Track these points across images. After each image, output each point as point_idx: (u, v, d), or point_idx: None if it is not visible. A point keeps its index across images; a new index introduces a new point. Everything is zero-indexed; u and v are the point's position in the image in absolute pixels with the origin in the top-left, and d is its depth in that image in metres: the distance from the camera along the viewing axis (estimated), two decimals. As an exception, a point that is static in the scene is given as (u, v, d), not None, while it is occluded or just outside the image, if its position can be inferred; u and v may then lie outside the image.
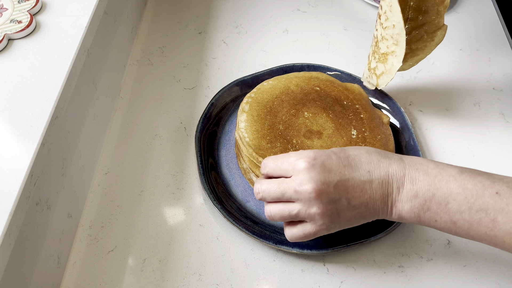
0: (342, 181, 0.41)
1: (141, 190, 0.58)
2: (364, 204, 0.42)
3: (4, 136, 0.43)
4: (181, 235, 0.54)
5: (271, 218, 0.45)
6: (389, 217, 0.44)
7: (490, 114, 0.66)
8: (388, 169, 0.42)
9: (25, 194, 0.40)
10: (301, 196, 0.41)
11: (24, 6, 0.53)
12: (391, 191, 0.42)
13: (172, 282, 0.50)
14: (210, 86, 0.69)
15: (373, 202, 0.42)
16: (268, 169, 0.46)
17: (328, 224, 0.43)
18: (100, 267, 0.51)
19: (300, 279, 0.51)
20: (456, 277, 0.51)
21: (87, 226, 0.54)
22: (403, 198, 0.42)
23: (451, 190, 0.40)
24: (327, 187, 0.41)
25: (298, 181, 0.42)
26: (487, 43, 0.75)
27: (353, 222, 0.44)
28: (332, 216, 0.42)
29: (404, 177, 0.42)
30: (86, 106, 0.56)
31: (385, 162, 0.42)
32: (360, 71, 0.71)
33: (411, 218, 0.42)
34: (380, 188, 0.42)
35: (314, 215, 0.42)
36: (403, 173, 0.42)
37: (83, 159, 0.55)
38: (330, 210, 0.42)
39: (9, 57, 0.49)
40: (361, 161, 0.42)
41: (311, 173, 0.41)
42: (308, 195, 0.41)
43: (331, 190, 0.41)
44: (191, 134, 0.63)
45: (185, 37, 0.77)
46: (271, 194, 0.44)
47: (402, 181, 0.42)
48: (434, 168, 0.42)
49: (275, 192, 0.43)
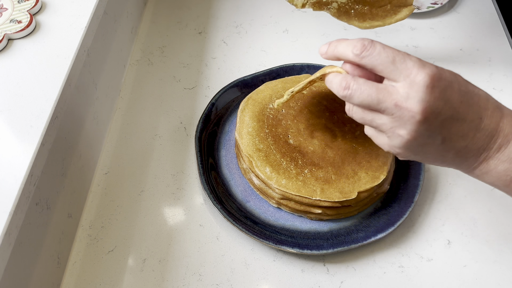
0: (452, 119, 0.35)
1: (141, 190, 0.58)
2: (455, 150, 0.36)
3: (4, 136, 0.43)
4: (181, 235, 0.54)
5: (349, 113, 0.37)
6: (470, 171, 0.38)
7: (490, 114, 0.65)
8: (499, 123, 0.36)
9: (25, 194, 0.40)
10: (400, 113, 0.34)
11: (24, 6, 0.53)
12: (492, 145, 0.36)
13: (172, 282, 0.50)
14: (210, 86, 0.69)
15: (465, 152, 0.36)
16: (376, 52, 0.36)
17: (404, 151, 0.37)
18: (100, 267, 0.51)
19: (300, 279, 0.51)
20: (456, 277, 0.51)
21: (87, 226, 0.54)
22: (502, 157, 0.36)
23: None
24: (434, 118, 0.34)
25: (406, 95, 0.34)
26: (487, 43, 0.75)
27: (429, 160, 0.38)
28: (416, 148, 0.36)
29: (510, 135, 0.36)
30: (86, 106, 0.56)
31: (498, 113, 0.36)
32: (360, 71, 0.71)
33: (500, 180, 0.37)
34: (483, 140, 0.36)
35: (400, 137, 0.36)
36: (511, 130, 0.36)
37: (83, 159, 0.55)
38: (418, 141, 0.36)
39: (9, 57, 0.49)
40: (479, 104, 0.36)
41: (427, 94, 0.34)
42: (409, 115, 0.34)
43: (435, 123, 0.35)
44: (191, 134, 0.63)
45: (185, 37, 0.77)
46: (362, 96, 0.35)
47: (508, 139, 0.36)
48: None
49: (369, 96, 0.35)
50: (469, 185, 0.58)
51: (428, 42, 0.75)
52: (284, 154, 0.54)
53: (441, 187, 0.58)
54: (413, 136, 0.35)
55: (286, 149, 0.55)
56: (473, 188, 0.58)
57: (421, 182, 0.55)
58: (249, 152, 0.55)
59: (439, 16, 0.79)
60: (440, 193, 0.57)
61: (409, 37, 0.76)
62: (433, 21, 0.78)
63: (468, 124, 0.36)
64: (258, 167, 0.53)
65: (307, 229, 0.53)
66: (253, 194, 0.56)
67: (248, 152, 0.55)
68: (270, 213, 0.55)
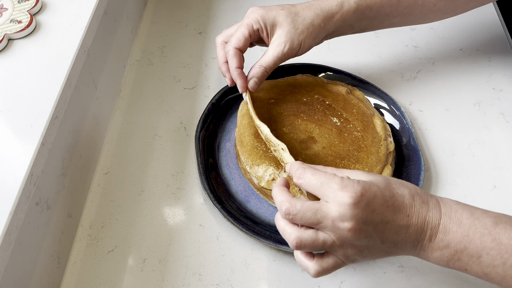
0: (382, 223, 0.40)
1: (141, 190, 0.58)
2: (394, 244, 0.41)
3: (4, 136, 0.43)
4: (181, 235, 0.54)
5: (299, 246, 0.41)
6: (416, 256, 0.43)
7: (490, 114, 0.66)
8: (425, 217, 0.41)
9: (25, 194, 0.40)
10: (338, 231, 0.40)
11: (24, 6, 0.53)
12: (423, 237, 0.41)
13: (172, 282, 0.50)
14: (210, 86, 0.69)
15: (403, 244, 0.42)
16: (304, 182, 0.42)
17: (356, 258, 0.42)
18: (100, 267, 0.51)
19: (300, 279, 0.51)
20: (456, 277, 0.51)
21: (87, 226, 0.54)
22: (434, 246, 0.41)
23: (485, 244, 0.40)
24: (366, 227, 0.40)
25: (338, 214, 0.39)
26: (487, 43, 0.75)
27: (377, 257, 0.43)
28: (363, 252, 0.41)
29: (438, 226, 0.41)
30: (86, 106, 0.56)
31: (424, 208, 0.42)
32: (360, 71, 0.71)
33: (439, 263, 0.42)
34: (415, 234, 0.41)
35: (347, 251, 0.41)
36: (438, 222, 0.41)
37: (83, 159, 0.55)
38: (363, 247, 0.41)
39: (9, 57, 0.49)
40: (404, 203, 0.41)
41: (354, 210, 0.39)
42: (346, 231, 0.39)
43: (369, 230, 0.40)
44: (191, 134, 0.63)
45: (185, 37, 0.77)
46: (304, 218, 0.40)
47: (436, 230, 0.41)
48: (468, 218, 0.41)
49: (310, 218, 0.40)
50: (469, 185, 0.58)
51: (428, 42, 0.75)
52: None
53: (441, 187, 0.58)
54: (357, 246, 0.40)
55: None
56: (473, 188, 0.58)
57: (421, 182, 0.55)
58: (248, 152, 0.55)
59: (439, 16, 0.79)
60: (440, 193, 0.57)
61: (409, 37, 0.76)
62: (433, 21, 0.78)
63: (398, 224, 0.41)
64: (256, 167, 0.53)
65: (307, 229, 0.53)
66: (253, 194, 0.56)
67: (247, 152, 0.55)
68: (270, 213, 0.55)
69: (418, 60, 0.73)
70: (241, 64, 0.55)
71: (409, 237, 0.41)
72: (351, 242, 0.40)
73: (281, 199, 0.42)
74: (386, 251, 0.42)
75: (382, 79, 0.70)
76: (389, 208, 0.41)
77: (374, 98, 0.65)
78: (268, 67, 0.56)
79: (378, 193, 0.41)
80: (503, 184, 0.58)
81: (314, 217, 0.40)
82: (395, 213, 0.41)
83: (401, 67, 0.72)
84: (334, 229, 0.40)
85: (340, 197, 0.39)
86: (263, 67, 0.55)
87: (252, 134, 0.56)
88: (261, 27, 0.55)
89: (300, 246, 0.41)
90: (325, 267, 0.42)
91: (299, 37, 0.55)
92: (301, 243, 0.40)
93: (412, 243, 0.42)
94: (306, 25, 0.55)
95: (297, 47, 0.55)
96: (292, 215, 0.41)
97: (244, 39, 0.55)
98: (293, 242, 0.41)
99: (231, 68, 0.55)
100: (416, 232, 0.41)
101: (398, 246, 0.42)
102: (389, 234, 0.41)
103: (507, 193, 0.57)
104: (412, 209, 0.41)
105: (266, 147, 0.55)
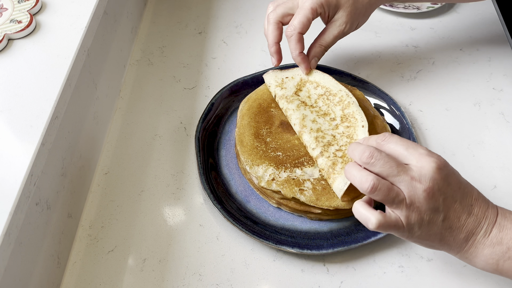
0: (452, 199, 0.42)
1: (141, 190, 0.58)
2: (451, 229, 0.42)
3: (4, 136, 0.43)
4: (181, 235, 0.54)
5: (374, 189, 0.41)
6: (462, 254, 0.44)
7: (490, 114, 0.66)
8: (485, 212, 0.43)
9: (25, 194, 0.40)
10: (413, 189, 0.41)
11: (24, 6, 0.53)
12: (479, 231, 0.43)
13: (172, 282, 0.50)
14: (210, 86, 0.69)
15: (458, 233, 0.43)
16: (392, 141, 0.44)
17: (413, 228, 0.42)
18: (100, 267, 0.51)
19: (300, 279, 0.51)
20: (456, 277, 0.51)
21: (87, 226, 0.54)
22: (487, 242, 0.42)
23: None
24: (439, 195, 0.41)
25: (418, 173, 0.41)
26: (487, 43, 0.75)
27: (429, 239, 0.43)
28: (423, 224, 0.42)
29: (494, 223, 0.43)
30: (86, 106, 0.56)
31: (485, 204, 0.44)
32: (360, 71, 0.71)
33: (487, 264, 0.43)
34: (472, 224, 0.42)
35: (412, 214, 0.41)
36: (494, 219, 0.43)
37: (83, 159, 0.55)
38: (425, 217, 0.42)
39: (9, 57, 0.49)
40: (472, 193, 0.43)
41: (435, 174, 0.41)
42: (421, 191, 0.41)
43: (439, 200, 0.41)
44: (191, 134, 0.63)
45: (185, 37, 0.77)
46: (385, 166, 0.41)
47: (491, 226, 0.43)
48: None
49: (391, 167, 0.41)
50: (469, 185, 0.58)
51: (428, 42, 0.75)
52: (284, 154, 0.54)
53: (441, 187, 0.58)
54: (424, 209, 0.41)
55: (285, 149, 0.55)
56: (473, 188, 0.58)
57: (421, 182, 0.55)
58: (248, 152, 0.55)
59: (439, 16, 0.79)
60: (440, 193, 0.57)
61: (409, 37, 0.76)
62: (433, 21, 0.78)
63: (462, 207, 0.42)
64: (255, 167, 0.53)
65: (307, 229, 0.53)
66: (253, 194, 0.56)
67: (247, 152, 0.55)
68: (270, 213, 0.55)
69: (418, 60, 0.73)
70: (303, 48, 0.58)
71: (466, 225, 0.42)
72: (419, 204, 0.41)
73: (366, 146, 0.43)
74: (440, 235, 0.43)
75: (382, 79, 0.70)
76: (460, 190, 0.43)
77: (374, 98, 0.65)
78: (327, 46, 0.59)
79: (456, 173, 0.44)
80: (503, 184, 0.58)
81: (394, 168, 0.41)
82: (463, 197, 0.43)
83: (401, 67, 0.72)
84: (409, 185, 0.41)
85: (424, 160, 0.41)
86: (323, 46, 0.59)
87: (252, 134, 0.56)
88: (324, 10, 0.56)
89: (374, 189, 0.41)
90: (387, 221, 0.41)
91: (358, 18, 0.58)
92: (377, 186, 0.41)
93: (466, 234, 0.43)
94: (364, 5, 0.58)
95: (355, 26, 0.59)
96: (376, 159, 0.42)
97: (308, 24, 0.56)
98: (370, 183, 0.41)
99: (294, 53, 0.58)
100: (474, 222, 0.42)
101: (452, 234, 0.42)
102: (452, 214, 0.42)
103: (507, 193, 0.57)
104: (477, 201, 0.43)
105: (266, 147, 0.55)
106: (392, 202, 0.41)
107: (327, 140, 0.54)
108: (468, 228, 0.42)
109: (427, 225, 0.42)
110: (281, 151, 0.55)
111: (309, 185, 0.52)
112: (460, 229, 0.42)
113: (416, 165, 0.41)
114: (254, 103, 0.60)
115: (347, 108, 0.56)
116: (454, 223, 0.42)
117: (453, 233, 0.42)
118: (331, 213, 0.52)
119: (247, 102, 0.60)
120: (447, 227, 0.42)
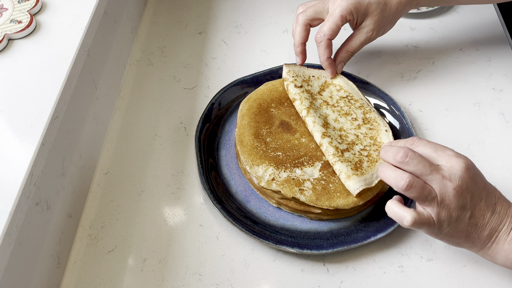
0: (478, 197, 0.45)
1: (141, 190, 0.58)
2: (476, 226, 0.45)
3: (4, 136, 0.43)
4: (181, 235, 0.54)
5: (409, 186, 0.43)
6: (485, 251, 0.46)
7: (490, 114, 0.66)
8: (507, 209, 0.46)
9: (25, 194, 0.40)
10: (443, 187, 0.43)
11: (24, 6, 0.53)
12: (501, 228, 0.45)
13: (172, 282, 0.50)
14: (210, 86, 0.69)
15: (482, 230, 0.45)
16: (421, 144, 0.47)
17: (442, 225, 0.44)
18: (100, 267, 0.51)
19: (300, 279, 0.51)
20: (456, 277, 0.51)
21: (87, 226, 0.54)
22: (508, 238, 0.45)
23: None
24: (467, 194, 0.44)
25: (449, 173, 0.44)
26: (487, 43, 0.75)
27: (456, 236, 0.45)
28: (451, 222, 0.44)
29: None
30: (86, 106, 0.56)
31: (506, 203, 0.46)
32: (360, 71, 0.71)
33: (507, 258, 0.45)
34: (495, 222, 0.45)
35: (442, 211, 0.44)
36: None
37: (83, 159, 0.55)
38: (454, 214, 0.44)
39: (9, 57, 0.49)
40: (495, 193, 0.46)
41: (463, 173, 0.44)
42: (451, 189, 0.43)
43: (467, 197, 0.44)
44: (191, 134, 0.63)
45: (185, 37, 0.77)
46: (419, 165, 0.44)
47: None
48: None
49: (424, 166, 0.44)
50: (469, 185, 0.58)
51: (427, 42, 0.75)
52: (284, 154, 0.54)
53: (441, 187, 0.58)
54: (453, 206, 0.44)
55: (285, 149, 0.55)
56: (473, 188, 0.58)
57: (421, 182, 0.55)
58: (248, 152, 0.55)
59: (439, 16, 0.79)
60: (440, 193, 0.57)
61: (409, 37, 0.76)
62: (433, 21, 0.78)
63: (487, 206, 0.45)
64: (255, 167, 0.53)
65: (307, 229, 0.53)
66: (253, 194, 0.56)
67: (247, 152, 0.55)
68: (270, 213, 0.55)
69: (418, 60, 0.73)
70: (331, 53, 0.60)
71: (490, 223, 0.45)
72: (449, 202, 0.44)
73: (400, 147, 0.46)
74: (466, 232, 0.45)
75: (382, 79, 0.70)
76: (485, 189, 0.45)
77: (374, 98, 0.65)
78: (354, 52, 0.61)
79: (481, 174, 0.46)
80: (503, 184, 0.58)
81: (427, 168, 0.44)
82: (487, 196, 0.45)
83: (401, 67, 0.72)
84: (440, 184, 0.43)
85: (454, 161, 0.44)
86: (350, 52, 0.61)
87: (252, 134, 0.56)
88: (353, 17, 0.58)
89: (410, 187, 0.43)
90: (421, 218, 0.44)
91: (384, 25, 0.60)
92: (412, 184, 0.43)
93: (490, 231, 0.45)
94: (392, 13, 0.59)
95: (381, 33, 0.61)
96: (410, 158, 0.44)
97: (337, 30, 0.58)
98: (406, 180, 0.43)
99: (322, 57, 0.60)
100: (497, 220, 0.45)
101: (477, 231, 0.45)
102: (478, 212, 0.45)
103: (507, 193, 0.57)
104: (499, 200, 0.46)
105: (266, 147, 0.55)
106: (425, 200, 0.44)
107: (351, 139, 0.56)
108: (492, 226, 0.45)
109: (455, 222, 0.44)
110: (281, 151, 0.55)
111: (309, 185, 0.52)
112: (484, 227, 0.45)
113: (446, 165, 0.44)
114: (254, 103, 0.60)
115: (368, 113, 0.58)
116: (479, 220, 0.44)
117: (478, 230, 0.45)
118: (331, 213, 0.52)
119: (247, 102, 0.60)
120: (473, 224, 0.45)
